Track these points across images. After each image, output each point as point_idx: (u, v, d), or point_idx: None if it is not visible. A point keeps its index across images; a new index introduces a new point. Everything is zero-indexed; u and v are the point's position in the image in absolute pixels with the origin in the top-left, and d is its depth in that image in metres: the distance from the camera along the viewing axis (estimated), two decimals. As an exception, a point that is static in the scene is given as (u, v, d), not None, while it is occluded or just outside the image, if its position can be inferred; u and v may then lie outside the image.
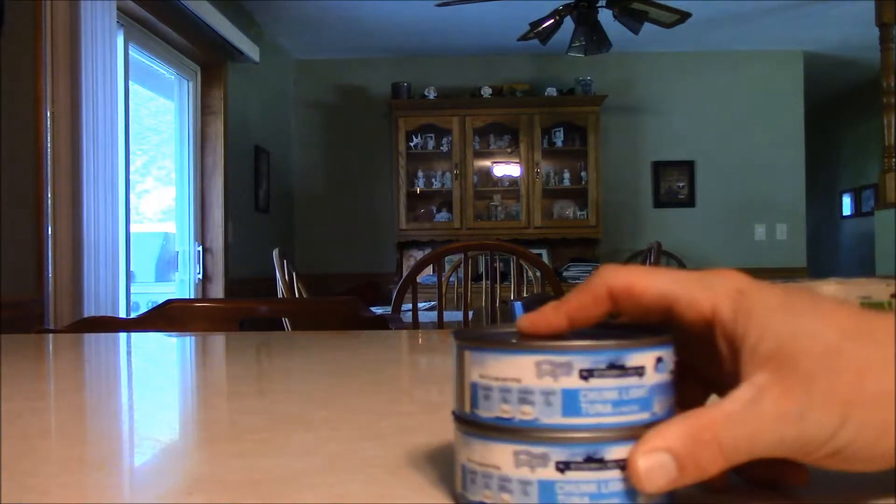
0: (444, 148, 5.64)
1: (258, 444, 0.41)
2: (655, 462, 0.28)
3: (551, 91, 5.64)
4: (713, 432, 0.28)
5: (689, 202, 5.94)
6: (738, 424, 0.28)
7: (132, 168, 3.51)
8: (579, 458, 0.27)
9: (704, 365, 0.33)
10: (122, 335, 1.13)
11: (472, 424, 0.29)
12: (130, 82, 3.47)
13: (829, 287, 0.64)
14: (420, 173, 5.70)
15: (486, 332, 0.33)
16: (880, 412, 0.28)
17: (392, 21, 5.07)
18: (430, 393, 0.63)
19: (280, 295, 3.90)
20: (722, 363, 0.31)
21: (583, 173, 5.61)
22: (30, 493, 0.33)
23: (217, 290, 4.33)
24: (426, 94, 5.64)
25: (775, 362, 0.29)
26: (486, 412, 0.29)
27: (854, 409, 0.28)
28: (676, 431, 0.28)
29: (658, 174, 5.93)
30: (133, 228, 3.47)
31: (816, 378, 0.28)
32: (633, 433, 0.28)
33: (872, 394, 0.28)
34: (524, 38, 4.22)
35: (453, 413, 0.31)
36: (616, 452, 0.28)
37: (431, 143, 5.67)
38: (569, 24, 3.98)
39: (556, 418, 0.28)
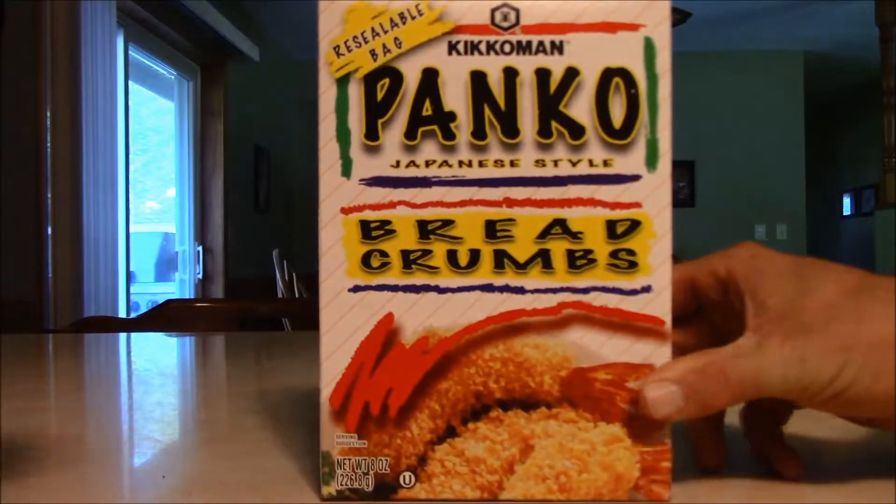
0: (444, 148, 5.64)
1: (258, 444, 0.41)
2: (664, 392, 0.30)
3: (551, 91, 5.64)
4: (720, 366, 0.30)
5: (689, 202, 5.94)
6: (743, 361, 0.30)
7: (132, 168, 3.51)
8: None
9: (724, 328, 0.35)
10: (122, 335, 1.13)
11: None
12: (130, 82, 3.47)
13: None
14: (420, 173, 5.70)
15: None
16: (877, 357, 0.30)
17: (392, 21, 5.06)
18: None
19: (280, 295, 3.90)
20: (737, 321, 0.33)
21: (583, 173, 5.62)
22: (30, 493, 0.33)
23: (217, 290, 4.33)
24: (426, 94, 5.64)
25: (780, 316, 0.31)
26: None
27: (852, 353, 0.30)
28: (685, 365, 0.31)
29: (658, 174, 5.94)
30: (133, 228, 3.47)
31: (815, 328, 0.30)
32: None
33: (869, 340, 0.30)
34: (524, 38, 4.22)
35: None
36: None
37: (431, 143, 5.67)
38: (569, 24, 3.98)
39: None
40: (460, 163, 0.31)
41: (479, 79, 0.31)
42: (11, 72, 2.45)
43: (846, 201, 7.54)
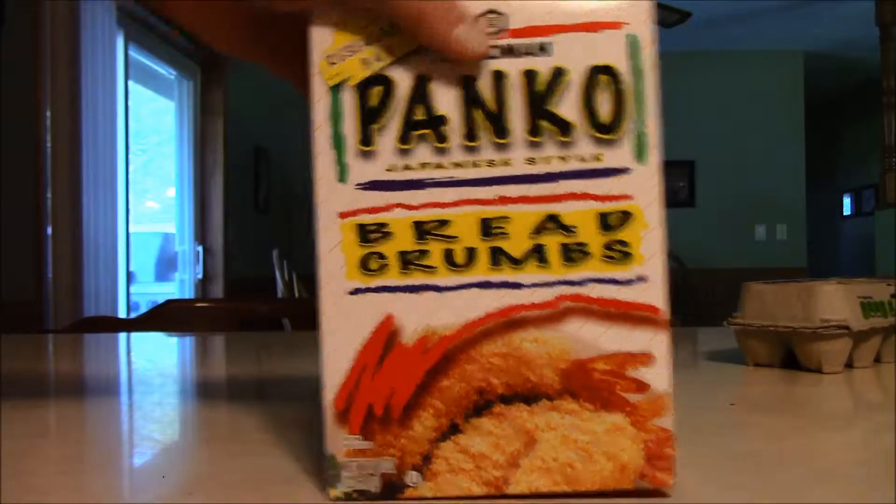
0: (444, 148, 5.64)
1: (258, 444, 0.42)
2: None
3: (551, 91, 5.65)
4: None
5: (689, 202, 5.94)
6: None
7: (132, 168, 3.51)
8: None
9: None
10: (122, 335, 1.13)
11: None
12: (130, 82, 3.47)
13: (830, 287, 0.64)
14: (420, 173, 5.70)
15: None
16: None
17: (392, 21, 5.06)
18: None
19: (280, 295, 3.91)
20: None
21: (583, 173, 5.62)
22: (30, 493, 0.34)
23: (217, 290, 4.33)
24: (426, 94, 5.64)
25: None
26: None
27: None
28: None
29: (658, 174, 5.94)
30: (133, 228, 3.47)
31: None
32: None
33: None
34: (524, 38, 4.22)
35: None
36: None
37: (431, 143, 5.67)
38: (569, 24, 3.99)
39: None
40: (454, 164, 0.31)
41: (468, 83, 0.31)
42: (11, 72, 2.45)
43: (846, 201, 7.54)
